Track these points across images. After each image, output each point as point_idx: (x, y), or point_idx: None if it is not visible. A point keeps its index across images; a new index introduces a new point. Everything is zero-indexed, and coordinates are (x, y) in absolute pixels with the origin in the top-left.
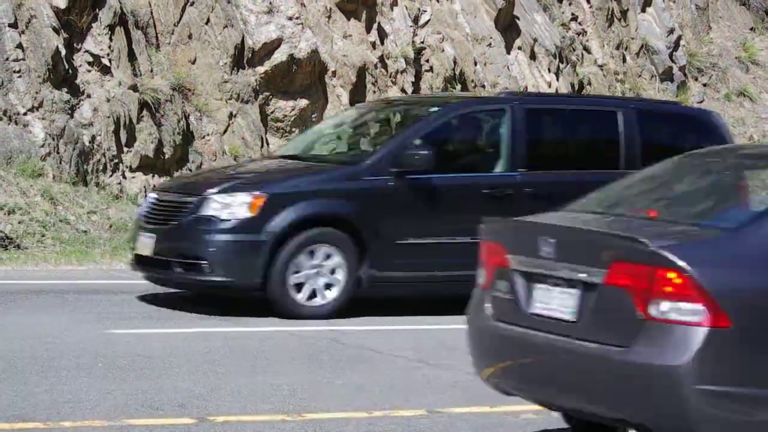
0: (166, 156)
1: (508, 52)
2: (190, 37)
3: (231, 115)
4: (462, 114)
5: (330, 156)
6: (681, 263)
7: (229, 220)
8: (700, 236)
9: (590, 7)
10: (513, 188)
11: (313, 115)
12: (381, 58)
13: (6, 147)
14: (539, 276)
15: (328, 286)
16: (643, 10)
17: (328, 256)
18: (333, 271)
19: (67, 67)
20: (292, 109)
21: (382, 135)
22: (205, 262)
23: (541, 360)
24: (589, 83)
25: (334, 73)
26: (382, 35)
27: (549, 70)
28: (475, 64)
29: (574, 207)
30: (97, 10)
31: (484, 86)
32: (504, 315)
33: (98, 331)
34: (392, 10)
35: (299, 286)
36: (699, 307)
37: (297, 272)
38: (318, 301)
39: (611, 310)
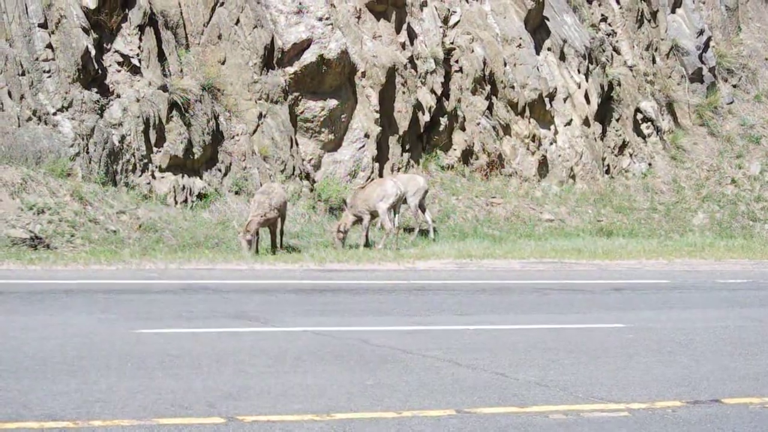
0: (196, 156)
1: (538, 53)
2: (219, 37)
3: (260, 116)
4: None
5: None
6: None
7: None
8: None
9: (620, 8)
10: None
11: (343, 116)
12: (410, 59)
13: (35, 147)
14: None
15: None
16: (673, 11)
17: None
18: None
19: (96, 67)
20: (322, 110)
21: None
22: None
23: None
24: (619, 84)
25: (363, 73)
26: (412, 36)
27: (578, 71)
28: (505, 64)
29: None
30: (127, 10)
31: (513, 87)
32: None
33: (127, 330)
34: (422, 10)
35: None
36: None
37: None
38: None
39: None
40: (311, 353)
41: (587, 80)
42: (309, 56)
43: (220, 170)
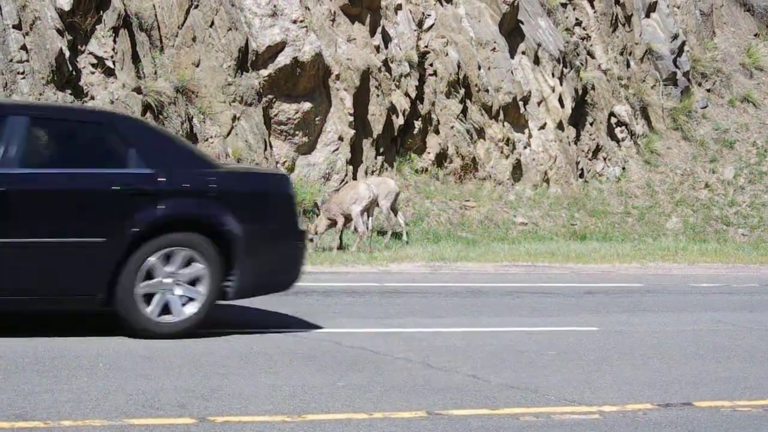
0: None
1: (512, 57)
2: (194, 39)
3: (234, 118)
4: None
5: None
6: None
7: None
8: None
9: (594, 12)
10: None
11: (317, 119)
12: (385, 62)
13: None
14: None
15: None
16: (648, 16)
17: None
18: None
19: (70, 68)
20: (296, 112)
21: None
22: None
23: None
24: (593, 88)
25: (337, 76)
26: (386, 39)
27: (553, 75)
28: (479, 68)
29: None
30: (102, 12)
31: (488, 90)
32: None
33: (99, 331)
34: (396, 14)
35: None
36: None
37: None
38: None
39: None
40: (283, 354)
41: (561, 84)
42: (283, 59)
43: None
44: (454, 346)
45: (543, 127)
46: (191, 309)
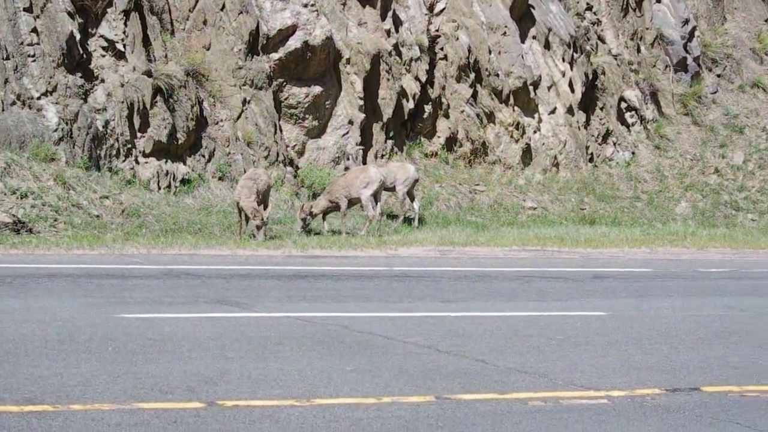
0: (180, 141)
1: (523, 41)
2: (204, 23)
3: (245, 102)
4: None
5: None
6: None
7: None
8: None
9: None
10: None
11: (327, 102)
12: (395, 46)
13: (19, 131)
14: None
15: None
16: (658, 1)
17: None
18: None
19: (81, 51)
20: (306, 96)
21: None
22: None
23: None
24: (603, 73)
25: (348, 60)
26: (397, 23)
27: (563, 60)
28: (490, 52)
29: None
30: None
31: (498, 75)
32: None
33: (109, 315)
34: None
35: None
36: None
37: None
38: None
39: None
40: (292, 339)
41: (572, 69)
42: (294, 42)
43: (203, 156)
44: (462, 330)
45: (553, 111)
46: None
